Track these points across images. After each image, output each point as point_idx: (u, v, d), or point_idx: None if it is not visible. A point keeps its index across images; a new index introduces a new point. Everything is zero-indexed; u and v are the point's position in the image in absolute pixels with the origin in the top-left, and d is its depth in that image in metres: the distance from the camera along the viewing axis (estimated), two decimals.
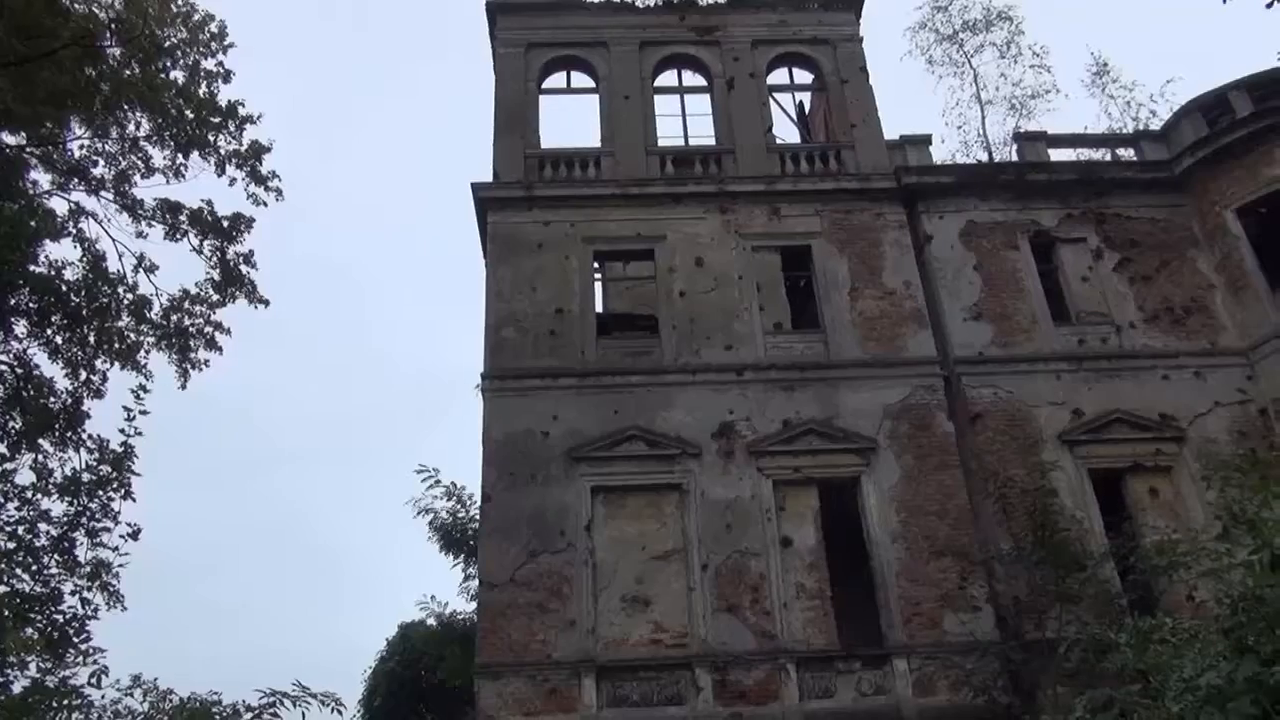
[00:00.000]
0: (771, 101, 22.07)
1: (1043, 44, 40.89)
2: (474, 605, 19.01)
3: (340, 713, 9.07)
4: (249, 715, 8.77)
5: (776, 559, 16.11)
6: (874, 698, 15.17)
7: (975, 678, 14.52)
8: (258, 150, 18.63)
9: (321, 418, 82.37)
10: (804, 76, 22.65)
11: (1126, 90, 29.29)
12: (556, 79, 21.94)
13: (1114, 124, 28.36)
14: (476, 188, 19.47)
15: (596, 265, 19.60)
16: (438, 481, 21.06)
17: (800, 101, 23.69)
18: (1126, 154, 21.56)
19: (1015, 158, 21.89)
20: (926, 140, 21.12)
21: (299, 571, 77.48)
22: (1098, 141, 22.71)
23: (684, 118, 21.47)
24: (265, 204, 18.82)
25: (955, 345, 18.26)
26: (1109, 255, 19.38)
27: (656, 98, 21.46)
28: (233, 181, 18.62)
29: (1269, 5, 9.56)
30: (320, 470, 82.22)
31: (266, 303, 18.93)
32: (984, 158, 27.02)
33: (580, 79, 21.89)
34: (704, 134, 21.20)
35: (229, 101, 18.37)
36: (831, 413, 17.43)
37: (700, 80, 21.89)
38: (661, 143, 20.74)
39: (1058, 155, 21.26)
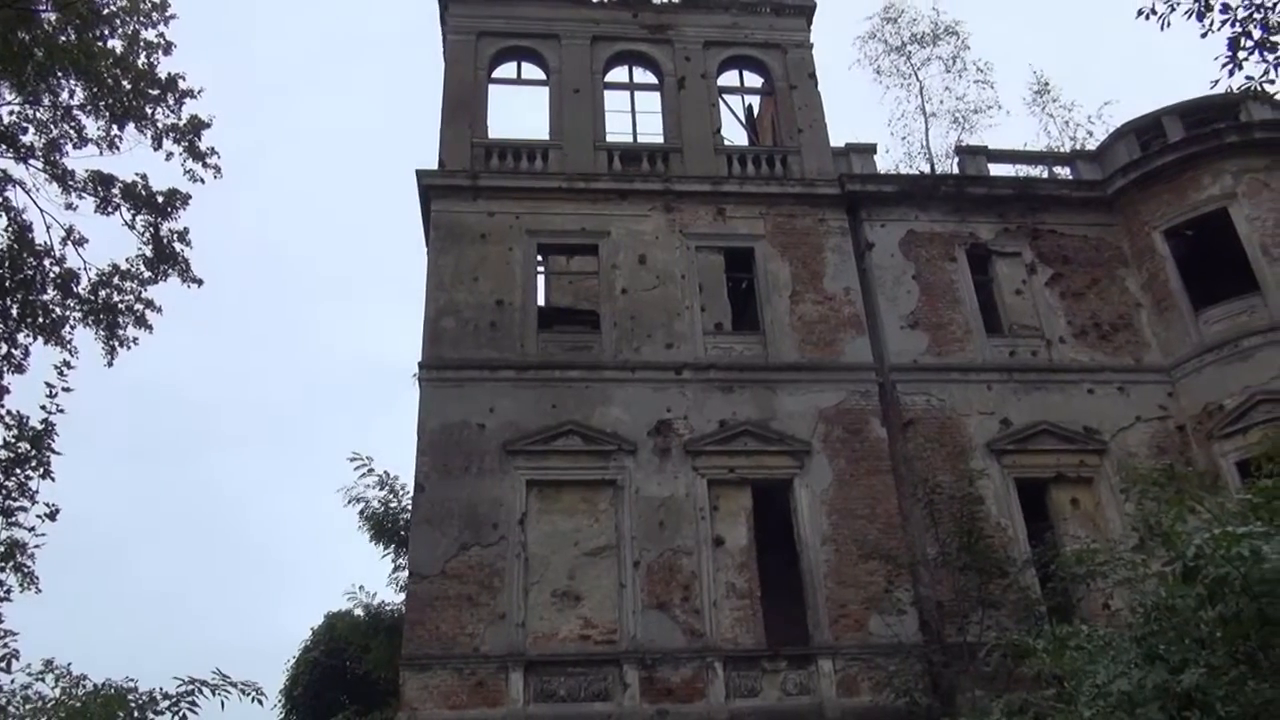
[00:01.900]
0: (721, 103, 22.18)
1: (987, 60, 41.83)
2: (403, 596, 18.80)
3: (261, 702, 8.92)
4: (166, 703, 8.57)
5: (708, 558, 16.21)
6: (798, 697, 15.35)
7: (898, 679, 14.77)
8: (197, 125, 18.17)
9: (255, 403, 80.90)
10: (754, 80, 22.80)
11: (1065, 110, 30.04)
12: (507, 69, 21.79)
13: (1052, 142, 29.05)
14: (421, 175, 19.26)
15: (540, 258, 19.54)
16: (371, 470, 20.77)
17: (749, 104, 23.85)
18: (1063, 172, 22.08)
19: (956, 170, 22.30)
20: (871, 149, 21.41)
21: (225, 558, 76.02)
22: (1036, 158, 23.24)
23: (633, 114, 21.49)
24: (203, 181, 18.39)
25: (891, 352, 18.54)
26: (1042, 270, 19.85)
27: (607, 93, 21.40)
28: (169, 156, 18.12)
29: (1139, 14, 9.96)
30: (251, 457, 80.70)
31: (200, 282, 18.49)
32: (926, 169, 27.48)
33: (531, 70, 21.77)
34: (652, 132, 21.24)
35: (169, 74, 17.89)
36: (768, 414, 17.59)
37: (651, 78, 21.91)
38: (610, 138, 20.70)
39: (997, 170, 21.71)
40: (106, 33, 17.32)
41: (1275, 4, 9.61)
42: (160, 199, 17.88)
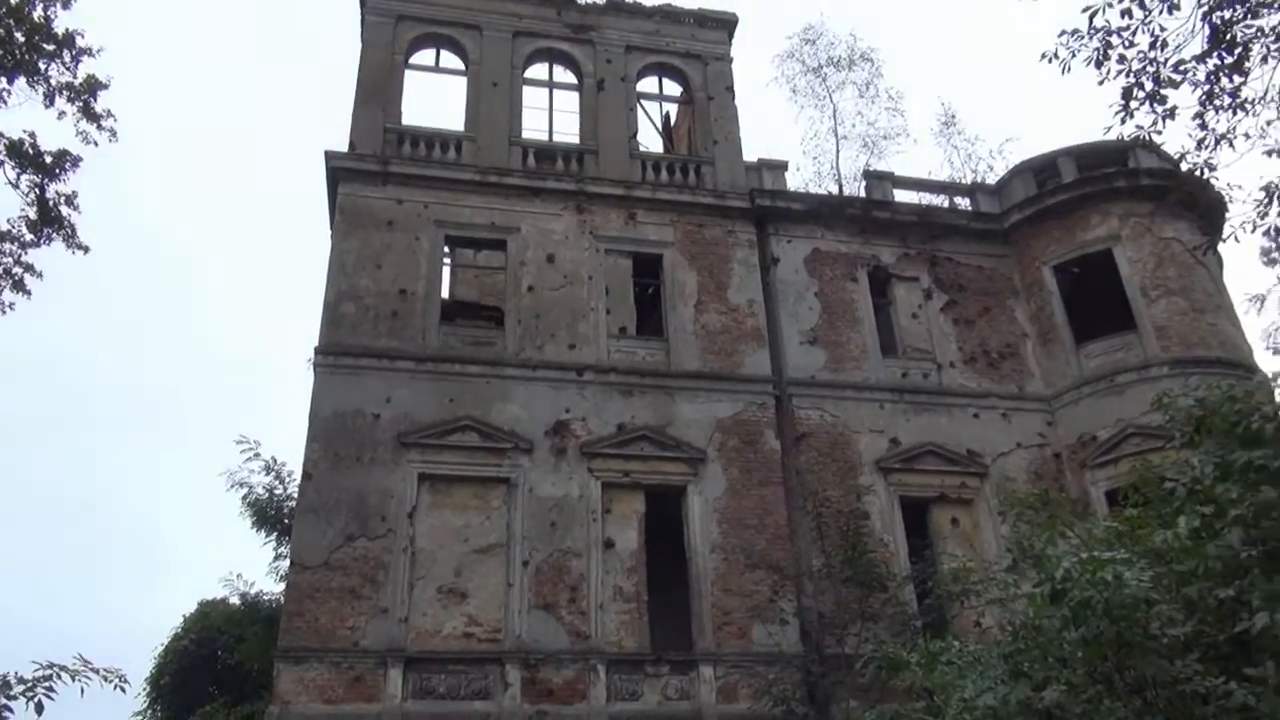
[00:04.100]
0: (639, 108, 22.27)
1: (898, 89, 43.11)
2: (282, 586, 18.31)
3: (123, 690, 8.53)
4: (21, 688, 8.13)
5: (598, 560, 16.23)
6: (678, 702, 15.48)
7: (776, 688, 15.04)
8: (93, 85, 17.33)
9: (134, 382, 77.65)
10: (672, 88, 22.95)
11: (969, 143, 31.13)
12: (425, 56, 21.45)
13: (955, 173, 29.98)
14: (330, 156, 18.81)
15: (447, 250, 19.27)
16: (257, 455, 20.16)
17: (666, 112, 24.01)
18: (963, 203, 22.82)
19: (863, 194, 22.85)
20: (783, 166, 21.78)
21: (93, 542, 72.72)
22: (938, 188, 23.98)
23: (550, 113, 21.40)
24: (96, 144, 17.60)
25: (790, 366, 18.89)
26: (938, 296, 20.51)
27: (525, 89, 21.26)
28: (61, 115, 17.29)
29: (1042, 58, 10.52)
30: (127, 438, 77.39)
31: (86, 249, 17.63)
32: (835, 190, 28.05)
33: (450, 59, 21.47)
34: (569, 132, 21.20)
35: (66, 30, 17.08)
36: (666, 420, 17.71)
37: (570, 77, 21.86)
38: (525, 135, 20.56)
39: (901, 196, 22.29)
40: None
41: (1167, 59, 10.17)
42: (49, 159, 17.04)
